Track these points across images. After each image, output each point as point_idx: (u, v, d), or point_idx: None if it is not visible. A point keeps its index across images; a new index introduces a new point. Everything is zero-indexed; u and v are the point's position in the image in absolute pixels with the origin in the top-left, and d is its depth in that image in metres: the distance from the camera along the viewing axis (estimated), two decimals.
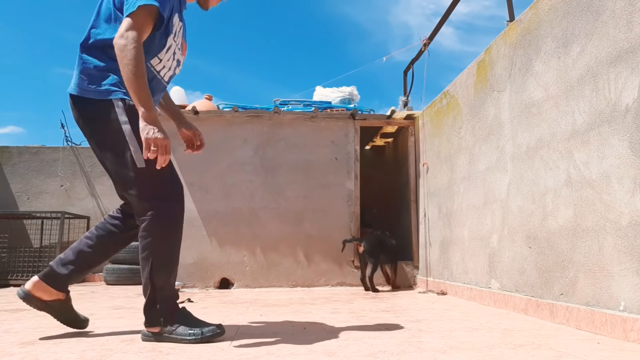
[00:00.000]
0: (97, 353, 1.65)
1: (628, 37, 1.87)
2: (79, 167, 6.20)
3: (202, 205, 4.57)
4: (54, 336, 1.99)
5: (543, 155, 2.44)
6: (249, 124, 4.71)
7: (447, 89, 3.86)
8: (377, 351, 1.64)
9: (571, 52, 2.23)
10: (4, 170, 6.10)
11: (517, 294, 2.67)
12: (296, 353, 1.62)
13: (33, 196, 6.09)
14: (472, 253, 3.29)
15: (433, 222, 4.15)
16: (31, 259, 5.42)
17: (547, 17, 2.44)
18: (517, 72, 2.73)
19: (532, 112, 2.56)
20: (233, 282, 4.53)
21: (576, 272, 2.15)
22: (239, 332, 2.06)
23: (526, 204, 2.60)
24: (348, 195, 4.66)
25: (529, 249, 2.57)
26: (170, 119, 2.24)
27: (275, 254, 4.56)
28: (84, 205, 6.10)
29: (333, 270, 4.54)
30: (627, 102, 1.86)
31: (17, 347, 1.76)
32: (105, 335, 2.00)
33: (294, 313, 2.70)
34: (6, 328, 2.24)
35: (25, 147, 6.22)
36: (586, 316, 2.04)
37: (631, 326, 1.78)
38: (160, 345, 1.77)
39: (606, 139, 1.97)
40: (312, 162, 4.65)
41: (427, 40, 4.46)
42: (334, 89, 5.16)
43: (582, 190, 2.12)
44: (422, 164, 4.42)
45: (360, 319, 2.45)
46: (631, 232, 1.82)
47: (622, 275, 1.87)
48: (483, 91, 3.17)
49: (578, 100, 2.17)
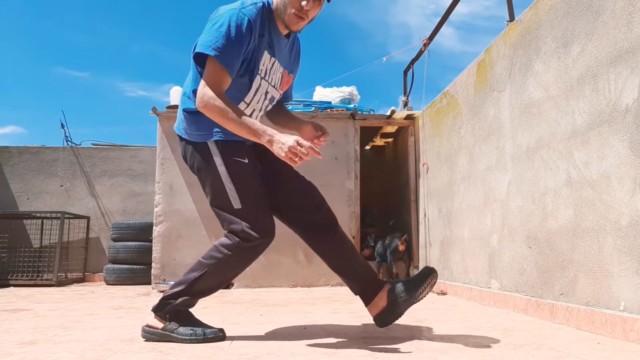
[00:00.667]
0: (97, 353, 1.65)
1: (628, 37, 1.87)
2: (79, 167, 6.19)
3: (202, 205, 4.57)
4: (54, 336, 1.99)
5: (543, 155, 2.44)
6: None
7: (447, 89, 3.86)
8: (377, 351, 1.64)
9: (571, 52, 2.23)
10: (4, 170, 6.10)
11: (517, 294, 2.67)
12: (296, 353, 1.62)
13: (33, 196, 6.09)
14: (472, 253, 3.29)
15: (433, 222, 4.15)
16: (31, 259, 5.42)
17: (547, 17, 2.44)
18: (517, 72, 2.73)
19: (532, 112, 2.56)
20: (233, 282, 4.53)
21: (576, 272, 2.15)
22: (239, 332, 2.06)
23: (526, 204, 2.60)
24: (348, 195, 4.66)
25: (529, 249, 2.56)
26: (287, 130, 2.07)
27: (275, 254, 4.56)
28: (84, 205, 6.10)
29: None
30: (627, 102, 1.86)
31: (17, 347, 1.76)
32: (105, 335, 2.00)
33: (294, 313, 2.70)
34: (6, 328, 2.24)
35: (25, 147, 6.22)
36: (586, 316, 2.04)
37: (631, 326, 1.78)
38: (160, 345, 1.77)
39: (606, 139, 1.97)
40: (312, 162, 4.64)
41: (427, 40, 4.46)
42: (334, 89, 5.16)
43: (582, 190, 2.12)
44: (422, 164, 4.42)
45: (360, 319, 2.45)
46: (631, 232, 1.82)
47: (622, 275, 1.87)
48: (483, 91, 3.17)
49: (578, 100, 2.17)
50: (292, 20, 1.81)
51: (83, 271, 5.82)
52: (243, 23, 1.73)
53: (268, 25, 1.84)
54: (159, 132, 4.64)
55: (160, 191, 4.59)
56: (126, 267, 5.21)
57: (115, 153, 6.26)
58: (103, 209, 6.13)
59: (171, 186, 4.59)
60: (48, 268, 5.45)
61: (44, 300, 3.62)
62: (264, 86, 1.90)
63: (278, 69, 1.94)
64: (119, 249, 5.27)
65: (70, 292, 4.34)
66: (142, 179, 6.18)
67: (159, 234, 4.54)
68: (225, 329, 1.92)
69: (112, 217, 6.09)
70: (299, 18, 1.81)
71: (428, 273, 1.90)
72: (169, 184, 4.60)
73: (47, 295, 4.07)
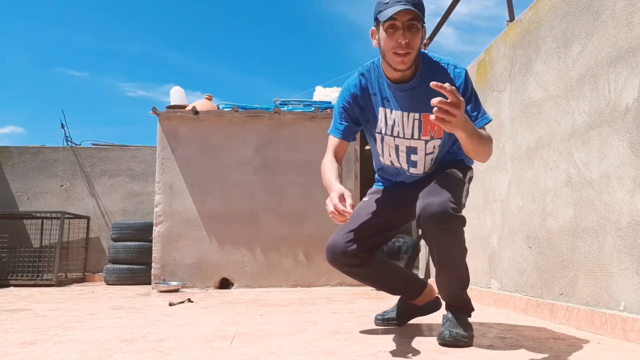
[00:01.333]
0: (97, 353, 1.65)
1: (628, 37, 1.87)
2: (79, 167, 6.20)
3: (202, 205, 4.57)
4: (54, 336, 1.99)
5: (543, 155, 2.44)
6: (249, 124, 4.71)
7: None
8: (377, 351, 1.64)
9: (571, 52, 2.23)
10: (4, 170, 6.10)
11: (517, 294, 2.67)
12: (296, 353, 1.62)
13: (33, 196, 6.09)
14: (472, 253, 3.29)
15: None
16: (31, 259, 5.42)
17: (547, 17, 2.44)
18: (517, 72, 2.73)
19: (532, 112, 2.56)
20: (233, 282, 4.53)
21: (576, 272, 2.15)
22: (239, 332, 2.06)
23: (526, 204, 2.60)
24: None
25: (529, 249, 2.57)
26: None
27: (275, 254, 4.56)
28: (84, 205, 6.10)
29: (333, 270, 4.51)
30: (627, 102, 1.86)
31: (17, 347, 1.76)
32: (105, 335, 2.00)
33: (294, 313, 2.70)
34: (6, 328, 2.24)
35: (25, 147, 6.22)
36: (586, 316, 2.04)
37: (631, 326, 1.78)
38: (160, 345, 1.77)
39: (606, 139, 1.97)
40: (312, 162, 4.64)
41: (427, 40, 4.46)
42: (334, 89, 5.15)
43: (582, 190, 2.12)
44: None
45: (360, 319, 2.45)
46: (631, 232, 1.82)
47: (622, 275, 1.86)
48: (483, 91, 3.17)
49: (578, 100, 2.17)
50: (394, 61, 1.75)
51: (83, 271, 5.82)
52: (342, 95, 1.96)
53: (378, 82, 1.88)
54: (159, 132, 4.64)
55: (160, 191, 4.60)
56: (126, 267, 5.21)
57: (115, 153, 6.26)
58: (103, 209, 6.13)
59: (171, 186, 4.59)
60: (48, 268, 5.45)
61: (44, 300, 3.63)
62: (389, 142, 1.92)
63: (406, 118, 1.85)
64: (119, 249, 5.27)
65: (70, 292, 4.34)
66: (142, 179, 6.18)
67: (159, 234, 4.55)
68: (225, 329, 1.92)
69: (112, 217, 6.09)
70: (400, 55, 1.73)
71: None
72: (169, 184, 4.60)
73: (47, 295, 4.07)
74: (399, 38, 1.70)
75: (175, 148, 4.61)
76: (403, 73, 1.79)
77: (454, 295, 1.82)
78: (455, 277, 1.80)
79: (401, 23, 1.69)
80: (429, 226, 1.71)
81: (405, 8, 1.66)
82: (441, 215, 1.66)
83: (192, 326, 2.24)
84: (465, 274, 1.82)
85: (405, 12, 1.67)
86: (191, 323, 2.34)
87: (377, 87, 1.88)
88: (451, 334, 1.70)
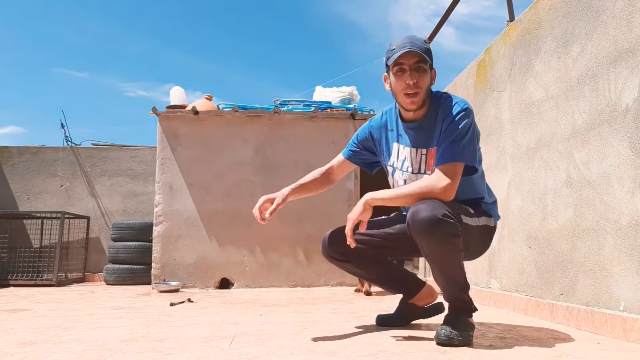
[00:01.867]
0: (97, 353, 1.65)
1: (628, 37, 1.87)
2: (79, 167, 6.20)
3: (202, 205, 4.57)
4: (54, 336, 1.99)
5: (543, 155, 2.44)
6: (249, 124, 4.71)
7: (446, 89, 3.86)
8: (377, 351, 1.64)
9: (571, 52, 2.23)
10: (4, 170, 6.10)
11: (517, 294, 2.67)
12: (296, 353, 1.62)
13: (33, 196, 6.09)
14: None
15: None
16: (31, 259, 5.42)
17: (547, 17, 2.44)
18: (517, 72, 2.73)
19: (532, 112, 2.56)
20: (233, 282, 4.53)
21: (576, 272, 2.15)
22: (239, 332, 2.06)
23: (526, 204, 2.60)
24: (348, 195, 4.66)
25: (529, 249, 2.57)
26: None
27: (275, 254, 4.56)
28: (84, 205, 6.10)
29: (333, 270, 4.53)
30: (627, 102, 1.86)
31: (17, 347, 1.76)
32: (105, 335, 2.00)
33: (294, 313, 2.70)
34: (6, 328, 2.24)
35: (25, 147, 6.22)
36: (586, 316, 2.04)
37: (631, 326, 1.78)
38: (160, 345, 1.77)
39: (606, 139, 1.97)
40: (312, 162, 4.64)
41: (427, 40, 4.46)
42: (334, 89, 5.15)
43: (582, 190, 2.12)
44: None
45: (360, 319, 2.45)
46: (631, 232, 1.82)
47: (622, 275, 1.86)
48: (483, 91, 3.17)
49: (578, 100, 2.17)
50: (405, 102, 1.88)
51: (83, 271, 5.82)
52: (362, 127, 2.16)
53: (396, 121, 2.03)
54: (159, 132, 4.64)
55: (160, 191, 4.60)
56: (126, 267, 5.21)
57: (115, 153, 6.26)
58: (103, 209, 6.14)
59: (171, 186, 4.59)
60: (48, 268, 5.45)
61: (44, 300, 3.63)
62: (398, 177, 2.03)
63: (414, 154, 1.96)
64: (119, 249, 5.27)
65: (70, 292, 4.34)
66: (142, 179, 6.18)
67: (159, 234, 4.55)
68: (225, 329, 1.92)
69: (112, 217, 6.09)
70: (410, 96, 1.85)
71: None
72: (169, 184, 4.60)
73: (47, 295, 4.07)
74: (407, 79, 1.83)
75: (175, 148, 4.61)
76: (414, 113, 1.91)
77: (453, 296, 1.85)
78: (450, 280, 1.82)
79: (408, 65, 1.83)
80: (415, 232, 1.74)
81: (411, 50, 1.80)
82: (429, 219, 1.68)
83: (192, 326, 2.24)
84: (461, 277, 1.82)
85: (411, 55, 1.81)
86: (191, 323, 2.34)
87: (395, 124, 2.04)
88: (445, 334, 1.72)
